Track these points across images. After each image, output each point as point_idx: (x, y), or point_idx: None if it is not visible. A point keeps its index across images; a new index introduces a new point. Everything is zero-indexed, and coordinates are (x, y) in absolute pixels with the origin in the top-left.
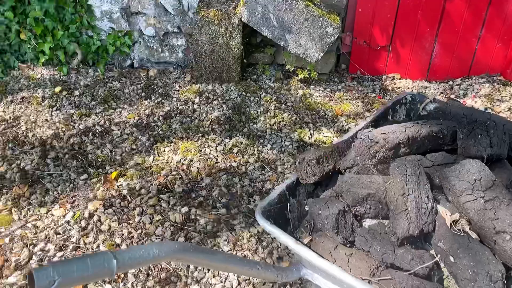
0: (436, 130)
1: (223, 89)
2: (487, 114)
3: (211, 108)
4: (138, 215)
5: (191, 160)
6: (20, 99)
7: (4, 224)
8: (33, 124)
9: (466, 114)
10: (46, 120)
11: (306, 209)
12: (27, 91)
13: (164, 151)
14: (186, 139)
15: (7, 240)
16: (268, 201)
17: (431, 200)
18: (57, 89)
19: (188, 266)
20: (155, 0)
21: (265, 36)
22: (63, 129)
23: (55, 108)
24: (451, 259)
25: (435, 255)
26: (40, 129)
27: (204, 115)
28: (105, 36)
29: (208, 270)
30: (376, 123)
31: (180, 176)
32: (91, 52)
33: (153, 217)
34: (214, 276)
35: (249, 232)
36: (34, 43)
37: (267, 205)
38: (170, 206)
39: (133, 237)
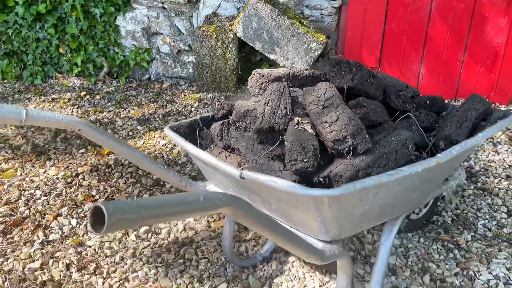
0: (318, 74)
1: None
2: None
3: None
4: (116, 178)
5: (174, 145)
6: (50, 99)
7: (8, 177)
8: None
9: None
10: (67, 114)
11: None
12: (58, 94)
13: (154, 137)
14: None
15: (5, 186)
16: (179, 123)
17: (287, 110)
18: (82, 93)
19: None
20: (170, 22)
21: (257, 49)
22: None
23: (76, 106)
24: (285, 143)
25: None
26: None
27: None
28: (128, 52)
29: None
30: None
31: (161, 155)
32: (116, 66)
33: (128, 180)
34: (164, 223)
35: None
36: (69, 56)
37: (176, 124)
38: (145, 173)
39: (106, 191)
